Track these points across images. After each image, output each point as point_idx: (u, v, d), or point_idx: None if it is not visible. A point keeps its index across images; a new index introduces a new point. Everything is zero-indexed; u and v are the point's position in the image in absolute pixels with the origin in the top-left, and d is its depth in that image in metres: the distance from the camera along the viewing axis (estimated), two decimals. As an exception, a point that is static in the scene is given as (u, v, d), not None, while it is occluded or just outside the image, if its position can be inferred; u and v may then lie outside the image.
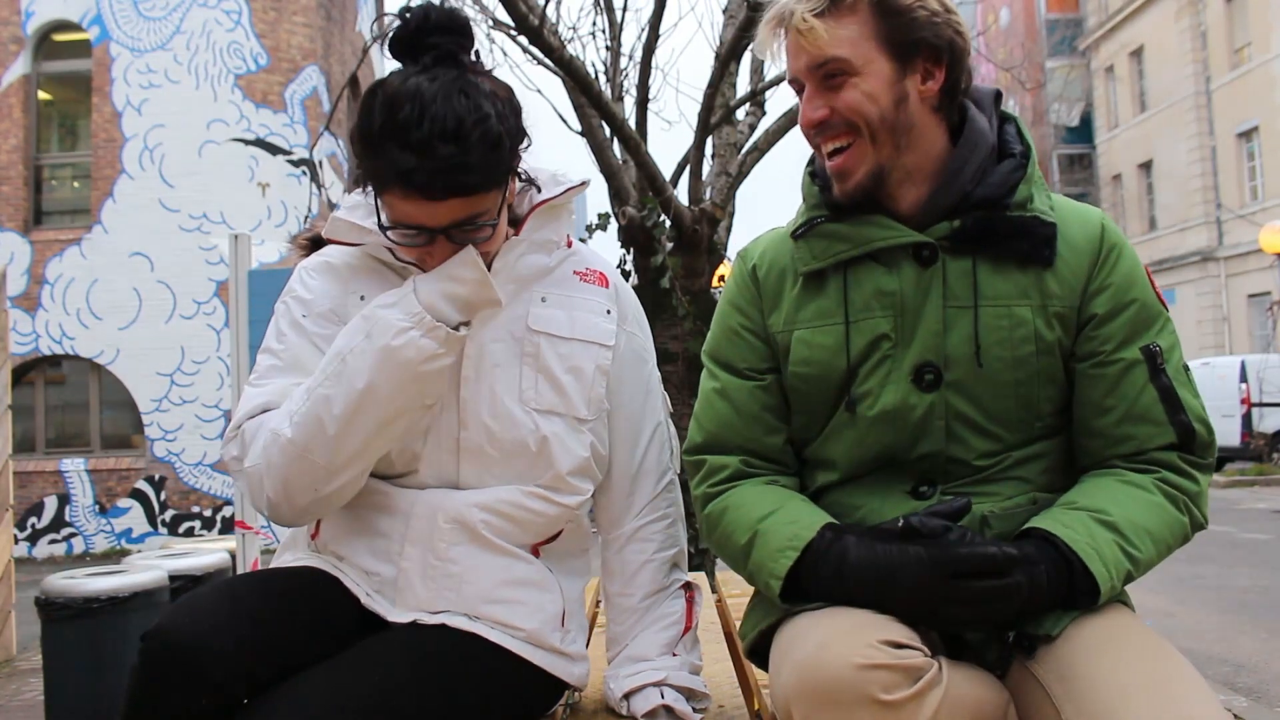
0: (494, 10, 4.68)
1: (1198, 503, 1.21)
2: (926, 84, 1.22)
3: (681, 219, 4.27)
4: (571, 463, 1.35)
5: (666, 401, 1.53)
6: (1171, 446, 1.20)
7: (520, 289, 1.35)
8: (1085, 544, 1.11)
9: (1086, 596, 1.11)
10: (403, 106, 1.15)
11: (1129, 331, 1.22)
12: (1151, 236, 23.76)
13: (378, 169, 1.19)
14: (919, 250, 1.24)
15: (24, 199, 10.50)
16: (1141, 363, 1.21)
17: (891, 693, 0.98)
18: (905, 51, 1.20)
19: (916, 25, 1.19)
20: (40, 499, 10.22)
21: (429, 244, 1.24)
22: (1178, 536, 1.19)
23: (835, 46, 1.18)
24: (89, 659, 3.26)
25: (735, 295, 1.39)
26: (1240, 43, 20.88)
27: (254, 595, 1.20)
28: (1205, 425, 1.21)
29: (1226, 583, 6.40)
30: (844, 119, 1.21)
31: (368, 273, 1.36)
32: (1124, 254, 1.25)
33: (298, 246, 1.53)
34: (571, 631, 1.39)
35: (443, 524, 1.30)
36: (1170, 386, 1.21)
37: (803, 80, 1.24)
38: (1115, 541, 1.13)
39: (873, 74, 1.19)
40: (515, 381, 1.33)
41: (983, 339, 1.22)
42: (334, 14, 11.11)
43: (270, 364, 1.33)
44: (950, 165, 1.24)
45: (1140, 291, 1.23)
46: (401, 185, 1.17)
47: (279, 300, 1.38)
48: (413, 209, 1.20)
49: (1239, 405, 13.88)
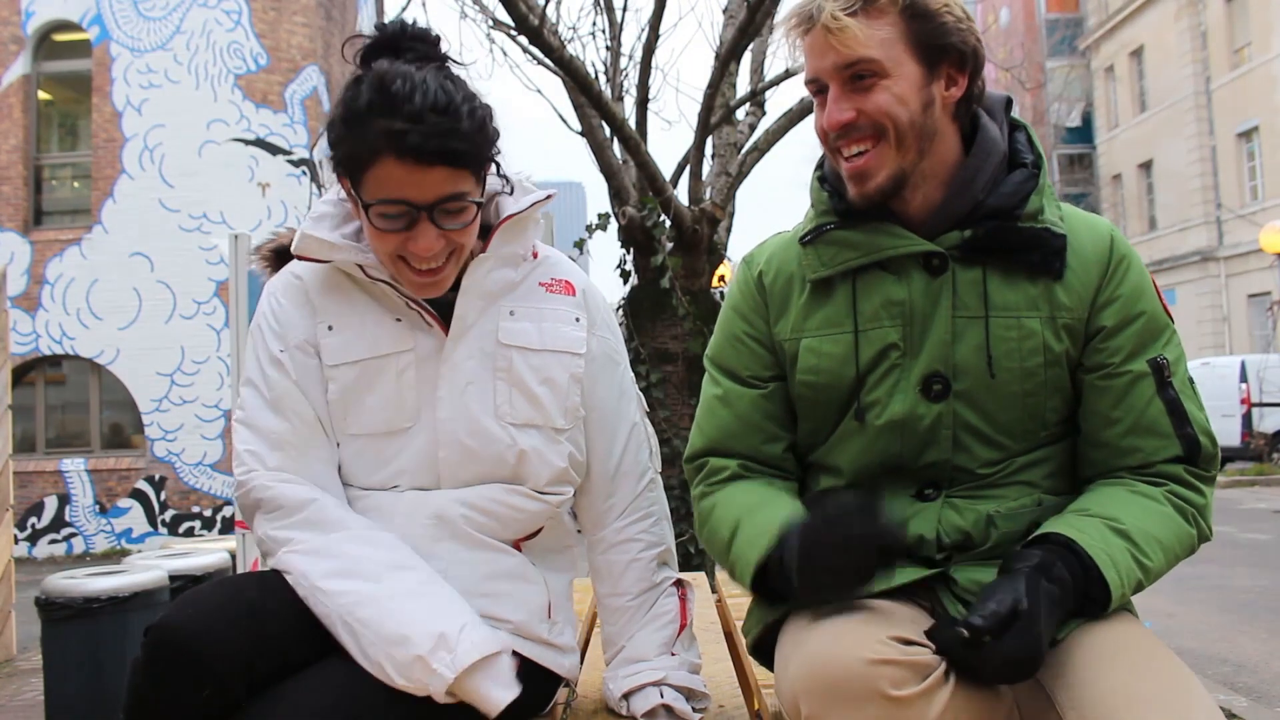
0: (494, 10, 4.68)
1: (1204, 515, 1.21)
2: (950, 90, 1.22)
3: (681, 219, 4.26)
4: (549, 474, 1.36)
5: (642, 401, 1.54)
6: (1177, 460, 1.21)
7: (488, 304, 1.35)
8: (1100, 550, 1.11)
9: (1096, 605, 1.11)
10: (394, 82, 1.19)
11: (1137, 343, 1.22)
12: (1151, 236, 23.75)
13: (365, 141, 1.20)
14: (929, 259, 1.23)
15: (24, 199, 10.50)
16: (1149, 375, 1.21)
17: (900, 688, 0.99)
18: (933, 56, 1.19)
19: (945, 30, 1.19)
20: (40, 499, 10.22)
21: (410, 227, 1.23)
22: (1185, 547, 1.20)
23: (867, 47, 1.17)
24: (89, 659, 3.26)
25: (740, 301, 1.38)
26: (1240, 43, 20.87)
27: (256, 592, 1.21)
28: (1210, 438, 1.22)
29: (1226, 583, 6.40)
30: (872, 121, 1.19)
31: (336, 293, 1.35)
32: (1133, 266, 1.24)
33: (261, 258, 1.50)
34: (559, 623, 1.40)
35: (424, 520, 1.31)
36: (1177, 399, 1.21)
37: (826, 80, 1.21)
38: (1128, 550, 1.13)
39: (903, 77, 1.18)
40: (490, 398, 1.33)
41: (993, 350, 1.21)
42: (334, 14, 11.10)
43: (256, 401, 1.33)
44: (962, 173, 1.23)
45: (1148, 304, 1.23)
46: (394, 151, 1.18)
47: (254, 321, 1.38)
48: (402, 176, 1.19)
49: (1239, 405, 13.89)
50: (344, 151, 1.24)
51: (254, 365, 1.35)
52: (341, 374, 1.32)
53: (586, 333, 1.43)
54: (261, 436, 1.31)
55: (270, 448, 1.31)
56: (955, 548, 1.21)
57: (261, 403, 1.33)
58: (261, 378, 1.34)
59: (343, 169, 1.26)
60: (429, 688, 1.14)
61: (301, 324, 1.35)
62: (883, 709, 0.98)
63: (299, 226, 1.36)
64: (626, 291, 4.51)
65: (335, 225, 1.33)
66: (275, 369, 1.33)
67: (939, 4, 1.19)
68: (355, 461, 1.34)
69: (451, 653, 1.15)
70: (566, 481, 1.40)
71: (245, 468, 1.31)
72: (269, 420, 1.32)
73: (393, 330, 1.32)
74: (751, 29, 4.12)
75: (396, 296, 1.31)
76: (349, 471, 1.35)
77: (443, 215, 1.24)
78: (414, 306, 1.32)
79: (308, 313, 1.35)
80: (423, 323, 1.33)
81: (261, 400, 1.33)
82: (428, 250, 1.24)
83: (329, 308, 1.34)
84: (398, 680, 1.14)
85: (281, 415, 1.32)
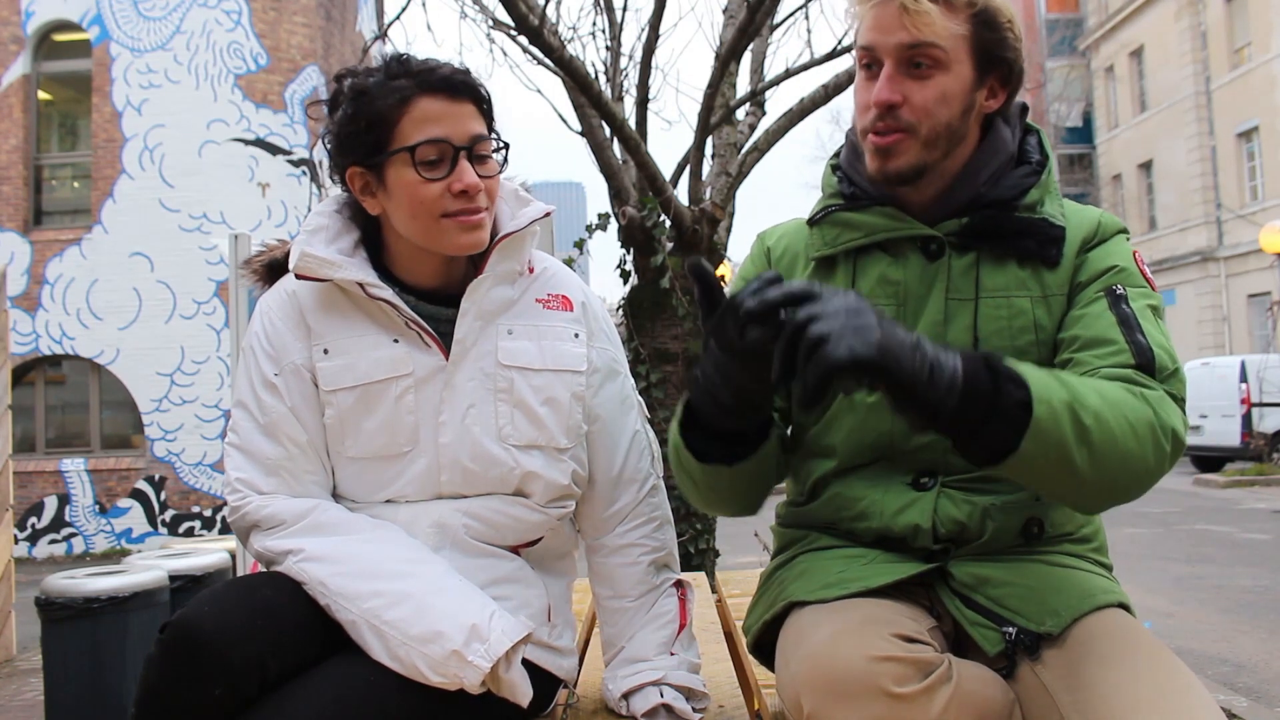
0: (494, 10, 4.68)
1: (1161, 406, 1.08)
2: (989, 101, 1.25)
3: (681, 219, 4.26)
4: (552, 491, 1.36)
5: (642, 407, 1.53)
6: (1128, 365, 1.13)
7: (486, 324, 1.35)
8: (1014, 364, 1.03)
9: (1017, 392, 1.00)
10: (401, 55, 1.29)
11: (1103, 286, 1.21)
12: (1151, 236, 23.75)
13: (392, 92, 1.25)
14: (927, 243, 1.26)
15: (24, 199, 10.50)
16: (1103, 298, 1.20)
17: (902, 686, 0.99)
18: (987, 65, 1.22)
19: (1005, 45, 1.22)
20: (40, 499, 10.22)
21: (452, 170, 1.26)
22: (1140, 418, 1.06)
23: (939, 35, 1.18)
24: (89, 659, 3.26)
25: (749, 271, 1.43)
26: (1240, 43, 20.88)
27: (270, 591, 1.21)
28: (1168, 354, 1.14)
29: (1226, 583, 6.39)
30: (910, 115, 1.20)
31: (332, 312, 1.33)
32: (1115, 238, 1.26)
33: (252, 272, 1.46)
34: (558, 626, 1.40)
35: (425, 528, 1.31)
36: (1132, 315, 1.17)
37: (883, 56, 1.21)
38: (1047, 371, 1.05)
39: (957, 75, 1.21)
40: (492, 420, 1.33)
41: (981, 329, 1.23)
42: (334, 14, 11.10)
43: (249, 425, 1.32)
44: (968, 167, 1.26)
45: (1122, 261, 1.23)
46: (426, 88, 1.25)
47: (247, 339, 1.36)
48: (438, 111, 1.26)
49: (1239, 405, 13.87)
50: (368, 114, 1.26)
51: (246, 387, 1.34)
52: (339, 399, 1.31)
53: (586, 346, 1.42)
54: (255, 462, 1.31)
55: (264, 473, 1.30)
56: (951, 540, 1.22)
57: (254, 427, 1.32)
58: (255, 402, 1.32)
59: (367, 136, 1.27)
60: (463, 680, 1.14)
61: (296, 346, 1.33)
62: (884, 706, 0.98)
63: (293, 241, 1.34)
64: (626, 291, 4.51)
65: (332, 239, 1.32)
66: (269, 393, 1.32)
67: (1005, 19, 1.22)
68: (353, 483, 1.33)
69: (484, 642, 1.15)
70: (569, 496, 1.40)
71: (239, 494, 1.31)
72: (262, 445, 1.31)
73: (391, 353, 1.31)
74: (751, 29, 4.12)
75: (396, 315, 1.30)
76: (347, 491, 1.34)
77: (476, 161, 1.28)
78: (413, 326, 1.31)
79: (302, 334, 1.33)
80: (421, 343, 1.32)
81: (255, 424, 1.32)
82: (475, 183, 1.27)
83: (325, 329, 1.33)
84: (432, 678, 1.14)
85: (275, 440, 1.31)
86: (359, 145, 1.28)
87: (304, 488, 1.31)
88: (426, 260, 1.34)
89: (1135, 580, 6.27)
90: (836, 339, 0.91)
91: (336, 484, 1.35)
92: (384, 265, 1.36)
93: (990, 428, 0.99)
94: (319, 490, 1.33)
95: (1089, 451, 1.01)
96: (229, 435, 1.35)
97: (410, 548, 1.27)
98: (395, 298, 1.30)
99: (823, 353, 0.90)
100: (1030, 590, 1.17)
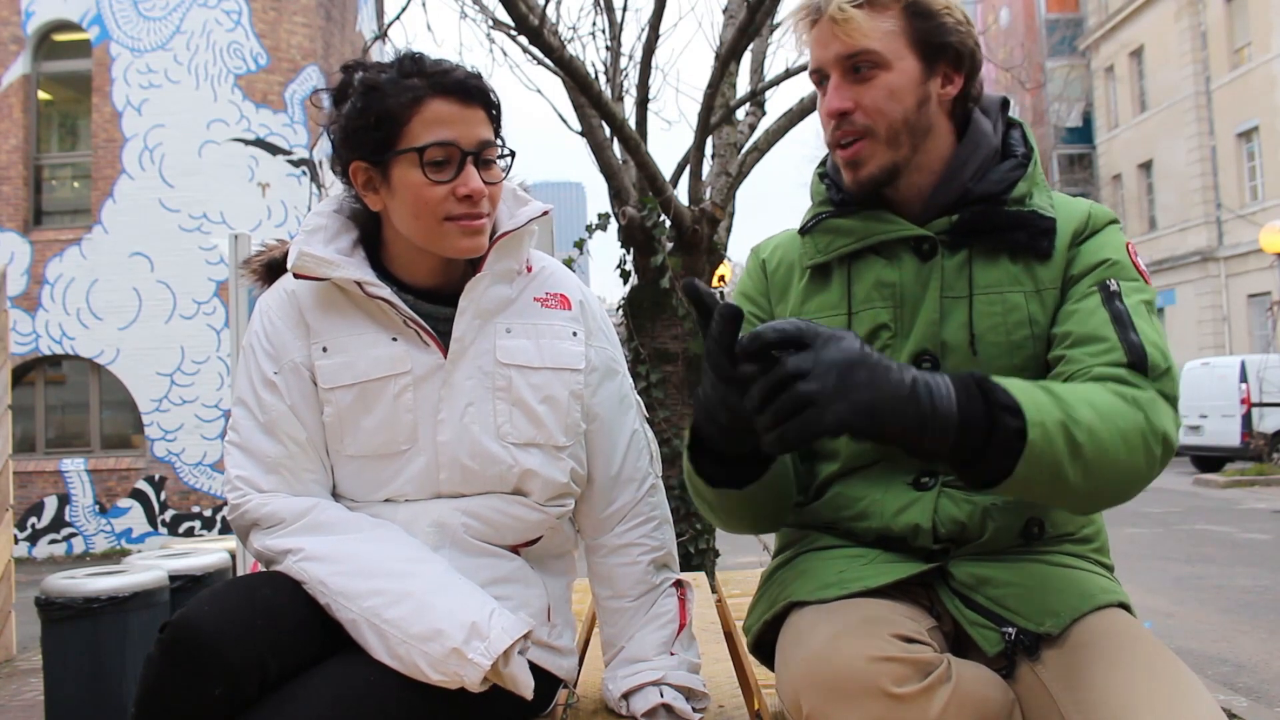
0: (494, 10, 4.68)
1: (1153, 409, 1.08)
2: (945, 88, 1.26)
3: (681, 219, 4.26)
4: (551, 489, 1.36)
5: (641, 407, 1.54)
6: (1120, 364, 1.12)
7: (485, 322, 1.35)
8: (1005, 382, 1.02)
9: (1013, 421, 0.99)
10: (415, 53, 1.28)
11: (1095, 280, 1.21)
12: (1151, 236, 23.75)
13: (405, 90, 1.25)
14: (919, 244, 1.27)
15: (24, 199, 10.50)
16: (1096, 293, 1.20)
17: (902, 686, 0.99)
18: (932, 53, 1.24)
19: (945, 30, 1.23)
20: (40, 499, 10.22)
21: (458, 174, 1.26)
22: (1132, 427, 1.05)
23: (870, 38, 1.21)
24: (89, 659, 3.26)
25: (747, 286, 1.44)
26: (1240, 43, 20.87)
27: (270, 591, 1.21)
28: (1161, 352, 1.13)
29: (1226, 583, 6.40)
30: (865, 118, 1.23)
31: (331, 311, 1.34)
32: (1107, 229, 1.26)
33: (251, 271, 1.47)
34: (558, 626, 1.40)
35: (424, 527, 1.31)
36: (1125, 311, 1.16)
37: (828, 70, 1.26)
38: (1040, 388, 1.04)
39: (901, 71, 1.22)
40: (491, 418, 1.33)
41: (976, 326, 1.23)
42: (334, 14, 11.10)
43: (250, 424, 1.33)
44: (952, 163, 1.27)
45: (1115, 254, 1.23)
46: (439, 90, 1.25)
47: (247, 338, 1.37)
48: (449, 114, 1.26)
49: (1239, 405, 13.85)
50: (379, 110, 1.26)
51: (246, 385, 1.35)
52: (338, 397, 1.31)
53: (584, 345, 1.43)
54: (255, 460, 1.31)
55: (264, 471, 1.31)
56: (951, 540, 1.22)
57: (255, 425, 1.32)
58: (255, 400, 1.33)
59: (375, 132, 1.27)
60: (464, 678, 1.14)
61: (295, 344, 1.33)
62: (884, 706, 0.98)
63: (292, 241, 1.35)
64: (626, 291, 4.52)
65: (330, 238, 1.33)
66: (269, 391, 1.32)
67: (940, 5, 1.23)
68: (353, 481, 1.34)
69: (485, 640, 1.16)
70: (568, 495, 1.41)
71: (239, 492, 1.31)
72: (262, 443, 1.31)
73: (389, 351, 1.31)
74: (751, 29, 4.12)
75: (394, 314, 1.30)
76: (346, 490, 1.34)
77: (482, 166, 1.29)
78: (411, 325, 1.31)
79: (301, 332, 1.34)
80: (420, 341, 1.32)
81: (255, 423, 1.32)
82: (480, 189, 1.27)
83: (323, 327, 1.33)
84: (433, 676, 1.15)
85: (275, 438, 1.31)
86: (366, 140, 1.28)
87: (304, 486, 1.31)
88: (425, 259, 1.34)
89: (1135, 580, 6.27)
90: (825, 403, 0.90)
91: (336, 483, 1.35)
92: (382, 264, 1.36)
93: (986, 458, 1.00)
94: (319, 489, 1.33)
95: (1082, 465, 1.02)
96: (229, 433, 1.35)
97: (410, 546, 1.27)
98: (393, 296, 1.30)
99: (809, 415, 0.90)
100: (1030, 590, 1.17)
